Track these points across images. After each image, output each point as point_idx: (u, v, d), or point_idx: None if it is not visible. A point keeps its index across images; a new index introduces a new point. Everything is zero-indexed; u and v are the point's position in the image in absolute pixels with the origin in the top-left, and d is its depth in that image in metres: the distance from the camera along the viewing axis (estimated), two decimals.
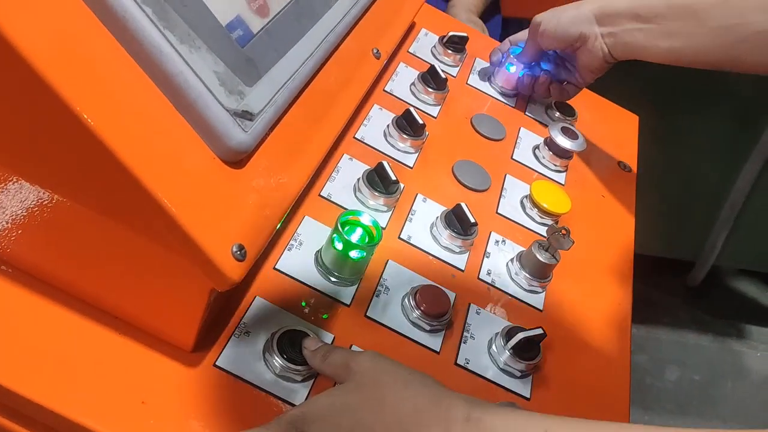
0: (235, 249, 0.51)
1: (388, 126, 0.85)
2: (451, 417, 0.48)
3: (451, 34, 1.02)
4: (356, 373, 0.53)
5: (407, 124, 0.84)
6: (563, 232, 0.74)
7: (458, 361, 0.67)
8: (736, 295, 2.23)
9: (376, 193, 0.76)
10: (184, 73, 0.50)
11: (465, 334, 0.70)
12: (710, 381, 1.97)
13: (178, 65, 0.50)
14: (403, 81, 0.94)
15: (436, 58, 1.02)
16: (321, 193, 0.75)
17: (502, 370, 0.68)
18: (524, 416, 0.49)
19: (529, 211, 0.86)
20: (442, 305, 0.69)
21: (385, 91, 0.91)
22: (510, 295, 0.76)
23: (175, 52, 0.50)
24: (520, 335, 0.68)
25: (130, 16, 0.48)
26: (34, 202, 0.53)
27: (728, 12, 0.80)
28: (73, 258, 0.56)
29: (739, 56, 0.82)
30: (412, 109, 0.84)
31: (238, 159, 0.54)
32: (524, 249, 0.79)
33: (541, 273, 0.77)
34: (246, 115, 0.53)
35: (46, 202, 0.53)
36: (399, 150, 0.85)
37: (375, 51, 0.76)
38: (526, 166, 0.93)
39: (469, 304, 0.73)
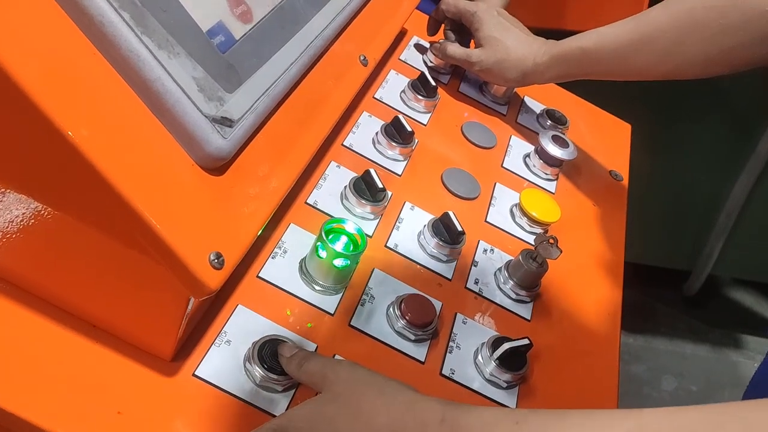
0: (212, 257, 0.50)
1: (376, 133, 0.85)
2: (427, 420, 0.48)
3: (442, 41, 1.01)
4: (332, 382, 0.53)
5: (396, 132, 0.84)
6: (551, 241, 0.73)
7: (443, 372, 0.67)
8: (732, 304, 2.23)
9: (363, 201, 0.75)
10: (162, 79, 0.49)
11: (451, 343, 0.69)
12: (707, 391, 1.95)
13: (155, 71, 0.49)
14: (393, 88, 0.94)
15: (427, 66, 1.01)
16: (307, 201, 0.74)
17: (488, 380, 0.67)
18: (497, 412, 0.49)
19: (519, 220, 0.85)
20: (428, 315, 0.68)
21: (375, 99, 0.91)
22: (497, 304, 0.75)
23: (153, 58, 0.49)
24: (506, 345, 0.67)
25: (107, 21, 0.48)
26: (9, 207, 0.53)
27: (651, 56, 0.85)
28: (50, 264, 0.56)
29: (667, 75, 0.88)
30: (401, 116, 0.84)
31: (217, 166, 0.53)
32: (513, 258, 0.78)
33: (529, 282, 0.76)
34: (225, 122, 0.53)
35: (22, 207, 0.52)
36: (387, 157, 0.84)
37: (362, 58, 0.76)
38: (517, 174, 0.92)
39: (456, 314, 0.72)
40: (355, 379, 0.53)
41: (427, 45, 1.04)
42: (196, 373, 0.57)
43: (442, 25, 1.02)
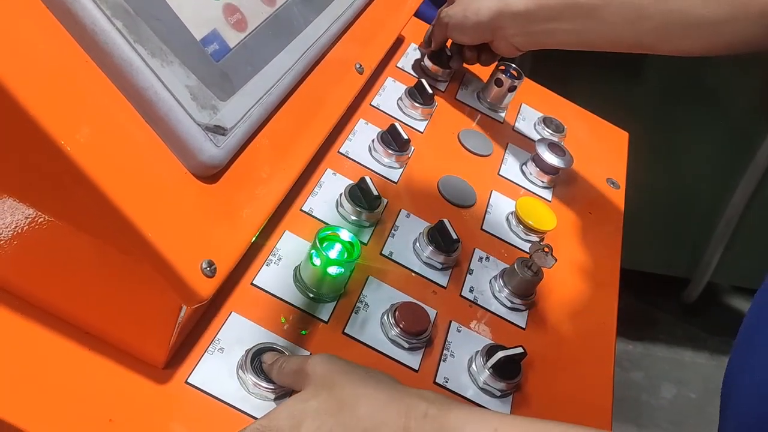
0: (204, 265, 0.50)
1: (373, 141, 0.85)
2: (410, 414, 0.49)
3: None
4: (311, 377, 0.53)
5: (392, 139, 0.84)
6: (546, 249, 0.73)
7: (437, 380, 0.67)
8: (732, 312, 2.22)
9: (359, 209, 0.75)
10: (155, 87, 0.49)
11: (445, 352, 0.69)
12: (706, 399, 1.95)
13: (148, 79, 0.49)
14: (390, 95, 0.94)
15: (425, 73, 1.02)
16: (302, 208, 0.74)
17: (482, 389, 0.67)
18: (480, 413, 0.50)
19: (515, 228, 0.85)
20: (422, 323, 0.68)
21: (372, 106, 0.91)
22: (492, 312, 0.75)
23: (146, 66, 0.49)
24: (500, 354, 0.67)
25: (99, 29, 0.48)
26: (2, 214, 0.53)
27: (625, 10, 0.80)
28: (42, 271, 0.56)
29: (646, 44, 0.82)
30: (397, 124, 0.84)
31: (210, 174, 0.53)
32: (508, 266, 0.78)
33: (524, 291, 0.76)
34: (218, 130, 0.53)
35: (15, 213, 0.52)
36: (384, 165, 0.84)
37: (358, 66, 0.76)
38: (513, 182, 0.92)
39: (450, 322, 0.72)
40: (335, 370, 0.53)
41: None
42: (188, 380, 0.57)
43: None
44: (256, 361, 0.59)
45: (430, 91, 0.92)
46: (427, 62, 1.01)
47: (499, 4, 0.88)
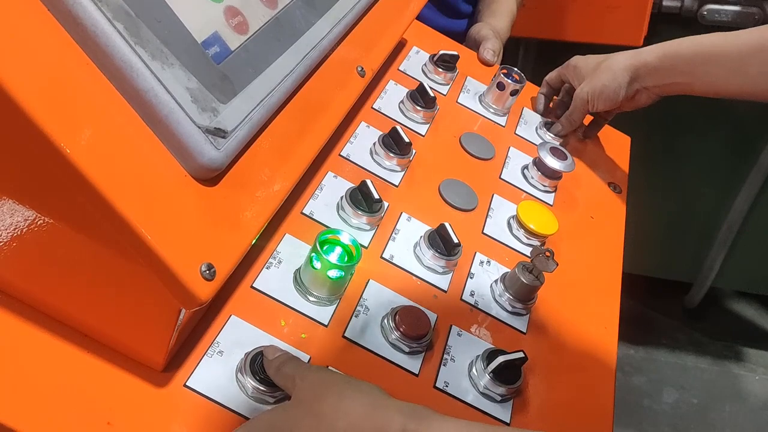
0: (204, 268, 0.50)
1: (374, 144, 0.85)
2: (386, 429, 0.48)
3: (441, 52, 1.01)
4: (299, 388, 0.53)
5: (393, 143, 0.84)
6: (547, 254, 0.73)
7: (437, 384, 0.66)
8: (734, 317, 2.22)
9: (359, 212, 0.75)
10: (155, 90, 0.49)
11: (445, 356, 0.69)
12: (708, 404, 1.94)
13: (149, 81, 0.49)
14: (391, 99, 0.94)
15: (427, 76, 1.01)
16: (303, 211, 0.74)
17: (482, 393, 0.67)
18: (461, 426, 0.49)
19: (516, 232, 0.85)
20: (422, 327, 0.68)
21: (374, 109, 0.91)
22: (493, 316, 0.75)
23: (146, 69, 0.49)
24: (501, 358, 0.66)
25: (100, 32, 0.48)
26: (2, 216, 0.53)
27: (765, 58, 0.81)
28: (42, 273, 0.56)
29: None
30: (398, 127, 0.84)
31: (210, 176, 0.53)
32: (509, 270, 0.78)
33: (525, 295, 0.76)
34: (219, 132, 0.53)
35: (15, 215, 0.52)
36: (385, 168, 0.84)
37: (359, 69, 0.76)
38: (515, 186, 0.92)
39: (451, 326, 0.71)
40: (320, 382, 0.53)
41: (426, 56, 1.04)
42: (187, 383, 0.57)
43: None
44: (258, 363, 0.58)
45: (432, 94, 0.92)
46: (429, 65, 1.01)
47: (632, 62, 0.92)
